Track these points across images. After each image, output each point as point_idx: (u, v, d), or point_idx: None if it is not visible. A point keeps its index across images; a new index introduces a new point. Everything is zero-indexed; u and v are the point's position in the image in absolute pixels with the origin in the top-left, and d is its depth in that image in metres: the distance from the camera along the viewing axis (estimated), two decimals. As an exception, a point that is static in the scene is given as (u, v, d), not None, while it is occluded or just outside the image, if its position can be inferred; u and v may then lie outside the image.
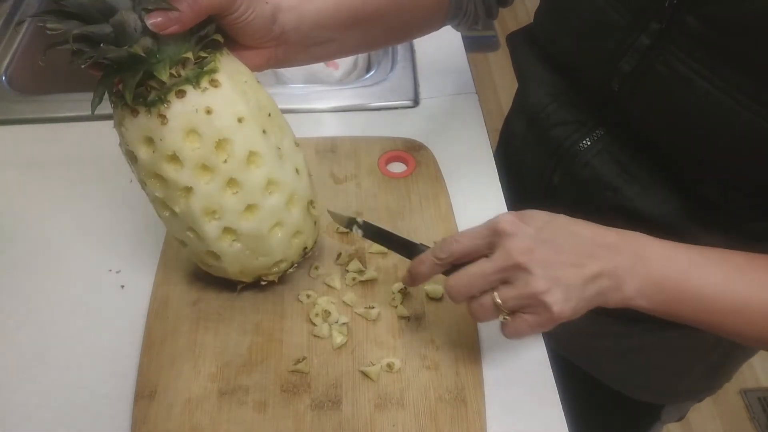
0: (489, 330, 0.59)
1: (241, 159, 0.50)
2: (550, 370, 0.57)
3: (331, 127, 0.80)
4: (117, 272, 0.65)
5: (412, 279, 0.54)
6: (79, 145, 0.77)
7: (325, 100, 0.83)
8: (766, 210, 0.53)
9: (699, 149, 0.52)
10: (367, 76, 0.89)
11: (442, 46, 0.89)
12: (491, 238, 0.48)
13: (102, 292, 0.63)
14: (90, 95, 0.47)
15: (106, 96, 0.48)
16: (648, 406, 0.81)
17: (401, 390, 0.55)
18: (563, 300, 0.46)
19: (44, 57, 0.44)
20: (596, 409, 0.82)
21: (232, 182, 0.51)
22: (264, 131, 0.52)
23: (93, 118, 0.78)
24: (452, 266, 0.51)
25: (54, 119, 0.80)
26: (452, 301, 0.50)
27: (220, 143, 0.49)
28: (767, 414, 1.53)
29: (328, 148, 0.75)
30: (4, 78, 0.87)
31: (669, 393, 0.80)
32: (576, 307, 0.47)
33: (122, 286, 0.64)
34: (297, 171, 0.56)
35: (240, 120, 0.49)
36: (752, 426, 1.52)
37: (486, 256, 0.48)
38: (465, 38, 0.91)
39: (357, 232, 0.58)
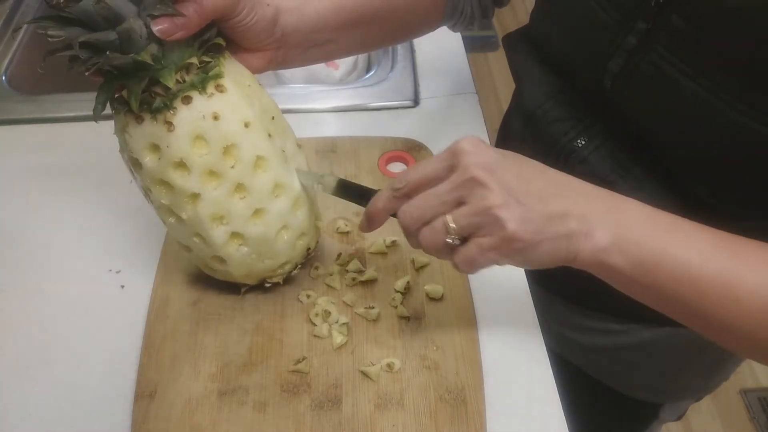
0: (489, 330, 0.59)
1: (249, 164, 0.50)
2: (550, 370, 0.57)
3: (331, 127, 0.80)
4: (117, 272, 0.65)
5: (368, 219, 0.49)
6: (79, 146, 0.77)
7: (325, 100, 0.83)
8: (757, 208, 0.53)
9: (688, 148, 0.52)
10: (367, 76, 0.89)
11: (442, 46, 0.89)
12: (451, 161, 0.44)
13: (102, 292, 0.63)
14: (90, 95, 0.47)
15: (90, 93, 0.48)
16: (646, 405, 0.81)
17: (401, 390, 0.55)
18: (520, 218, 0.42)
19: (43, 64, 0.44)
20: (594, 407, 0.82)
21: (239, 187, 0.51)
22: (269, 135, 0.52)
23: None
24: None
25: (54, 119, 0.80)
26: (405, 236, 0.46)
27: (228, 149, 0.49)
28: (767, 414, 1.53)
29: (328, 148, 0.75)
30: (4, 78, 0.87)
31: (667, 391, 0.80)
32: (536, 232, 0.42)
33: (122, 286, 0.64)
34: None
35: (246, 125, 0.49)
36: (752, 426, 1.52)
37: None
38: (465, 38, 0.91)
39: (317, 188, 0.55)
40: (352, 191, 0.53)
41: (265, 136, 0.51)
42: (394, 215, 0.47)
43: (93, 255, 0.66)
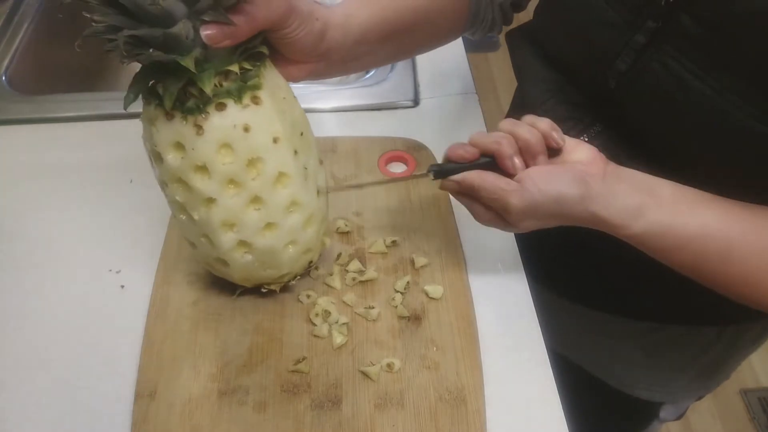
0: (489, 330, 0.59)
1: (270, 178, 0.50)
2: (550, 370, 0.57)
3: (331, 127, 0.80)
4: (117, 272, 0.65)
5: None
6: (79, 146, 0.77)
7: (325, 100, 0.83)
8: None
9: (693, 148, 0.52)
10: (367, 76, 0.89)
11: (442, 47, 0.89)
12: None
13: (102, 292, 0.63)
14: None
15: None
16: (646, 404, 0.81)
17: (401, 390, 0.55)
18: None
19: (81, 43, 0.42)
20: (594, 407, 0.82)
21: (256, 199, 0.50)
22: (296, 152, 0.51)
23: (93, 118, 0.79)
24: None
25: (54, 119, 0.80)
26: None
27: (253, 161, 0.48)
28: (767, 414, 1.53)
29: (328, 148, 0.75)
30: (4, 78, 0.87)
31: (667, 391, 0.80)
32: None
33: (122, 286, 0.64)
34: (318, 192, 0.56)
35: (275, 140, 0.49)
36: (752, 426, 1.52)
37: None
38: (465, 38, 0.91)
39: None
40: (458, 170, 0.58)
41: (292, 153, 0.50)
42: None
43: (93, 255, 0.66)
